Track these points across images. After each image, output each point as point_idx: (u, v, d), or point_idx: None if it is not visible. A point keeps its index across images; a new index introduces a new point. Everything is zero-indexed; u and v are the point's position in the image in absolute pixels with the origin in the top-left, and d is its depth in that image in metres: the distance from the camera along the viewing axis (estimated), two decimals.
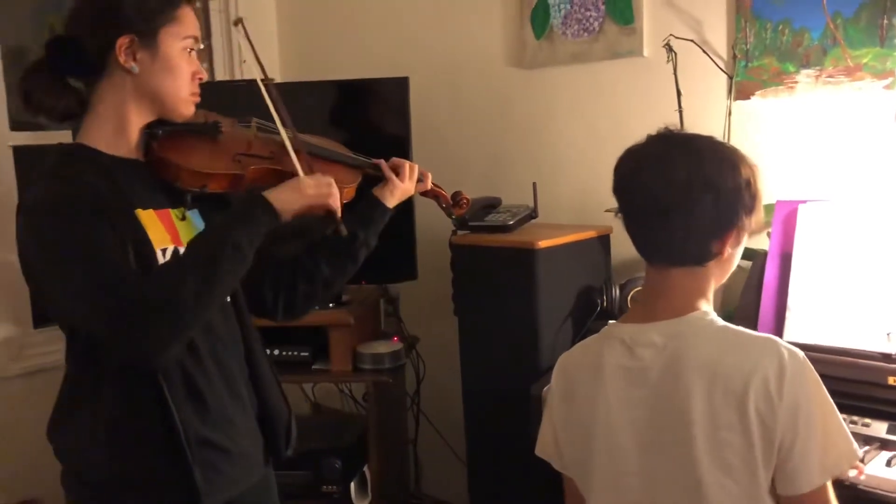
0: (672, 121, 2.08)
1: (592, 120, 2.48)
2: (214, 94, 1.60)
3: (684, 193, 1.21)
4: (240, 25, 1.58)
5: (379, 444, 2.42)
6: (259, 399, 1.55)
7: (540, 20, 2.53)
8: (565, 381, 1.36)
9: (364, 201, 1.64)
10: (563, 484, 1.41)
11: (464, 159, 2.74)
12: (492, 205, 2.34)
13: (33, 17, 3.05)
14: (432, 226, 2.50)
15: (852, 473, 1.48)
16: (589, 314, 2.16)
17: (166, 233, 1.42)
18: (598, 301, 2.15)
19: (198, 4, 3.03)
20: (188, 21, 1.44)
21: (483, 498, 2.33)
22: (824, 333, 1.77)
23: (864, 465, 1.52)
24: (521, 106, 2.64)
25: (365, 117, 2.55)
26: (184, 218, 1.47)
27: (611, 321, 1.42)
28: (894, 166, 1.90)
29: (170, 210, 1.46)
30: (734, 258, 1.30)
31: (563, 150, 2.56)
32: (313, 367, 2.44)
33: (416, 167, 1.69)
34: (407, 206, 2.42)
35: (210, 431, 1.42)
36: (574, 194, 2.52)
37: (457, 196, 1.82)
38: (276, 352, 2.42)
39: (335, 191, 1.47)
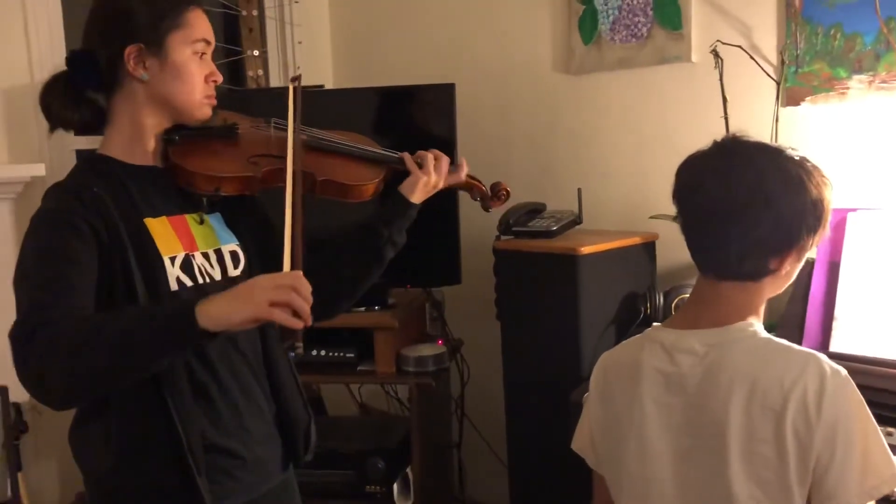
0: (719, 127, 2.08)
1: (639, 126, 2.46)
2: (270, 100, 1.60)
3: (743, 211, 1.19)
4: (297, 83, 1.56)
5: (422, 446, 2.44)
6: (277, 404, 1.53)
7: (588, 26, 2.53)
8: (604, 380, 1.36)
9: (389, 198, 1.61)
10: (592, 482, 1.41)
11: (511, 165, 2.75)
12: (536, 210, 2.35)
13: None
14: (477, 230, 2.52)
15: None
16: (632, 321, 2.15)
17: (178, 241, 1.43)
18: (642, 308, 2.14)
19: (255, 12, 3.15)
20: (196, 25, 1.43)
21: (525, 500, 2.34)
22: (872, 345, 1.73)
23: None
24: (568, 112, 2.64)
25: (411, 123, 2.59)
26: (202, 222, 1.48)
27: (655, 324, 1.41)
28: None
29: (186, 216, 1.46)
30: (792, 275, 1.28)
31: (610, 157, 2.55)
32: (358, 368, 2.47)
33: (444, 159, 1.62)
34: (451, 209, 2.47)
35: (222, 438, 1.42)
36: (621, 200, 2.51)
37: (496, 187, 1.72)
38: (322, 352, 2.47)
39: (298, 301, 1.22)
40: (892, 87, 1.94)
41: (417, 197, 1.59)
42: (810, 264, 1.89)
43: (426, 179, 1.58)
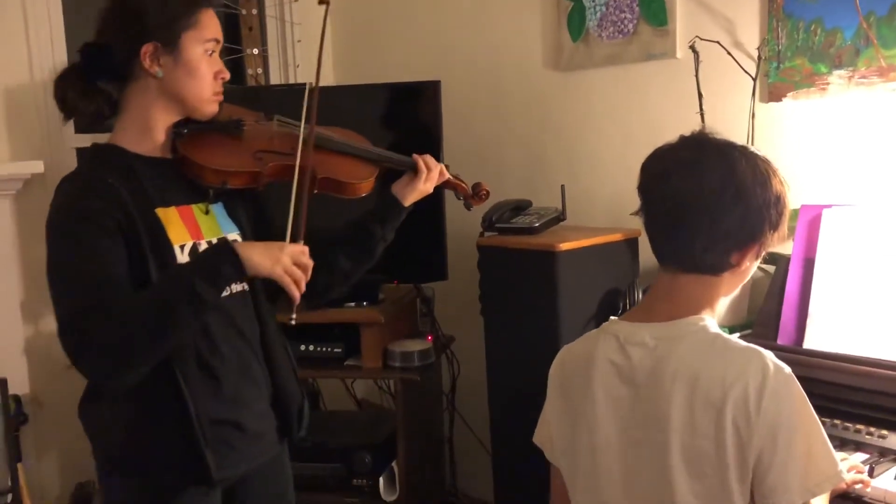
0: (697, 124, 2.08)
1: (627, 122, 2.46)
2: (269, 97, 1.67)
3: (713, 202, 1.20)
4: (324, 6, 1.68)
5: (409, 440, 2.47)
6: (273, 382, 1.63)
7: (576, 23, 2.53)
8: (561, 373, 1.38)
9: (382, 199, 1.72)
10: (551, 474, 1.42)
11: (500, 161, 2.76)
12: (520, 207, 2.36)
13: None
14: (464, 226, 2.53)
15: (858, 485, 1.45)
16: (611, 317, 2.14)
17: (186, 230, 1.52)
18: (621, 304, 2.14)
19: (254, 11, 3.19)
20: (208, 24, 1.51)
21: (508, 495, 2.35)
22: (845, 342, 1.72)
23: (873, 478, 1.48)
24: (557, 108, 2.64)
25: (398, 120, 2.60)
26: (207, 212, 1.57)
27: (612, 317, 1.42)
28: None
29: (192, 206, 1.55)
30: (749, 272, 1.29)
31: (597, 153, 2.55)
32: (346, 363, 2.50)
33: (440, 168, 1.75)
34: (437, 206, 2.48)
35: (225, 412, 1.51)
36: (608, 197, 2.51)
37: (477, 187, 1.85)
38: (311, 347, 2.50)
39: (303, 279, 1.47)
40: (871, 83, 1.92)
41: (410, 200, 1.72)
42: (786, 261, 1.88)
43: (422, 188, 1.72)
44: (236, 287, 1.57)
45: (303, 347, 2.49)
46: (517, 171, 2.73)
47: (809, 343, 1.77)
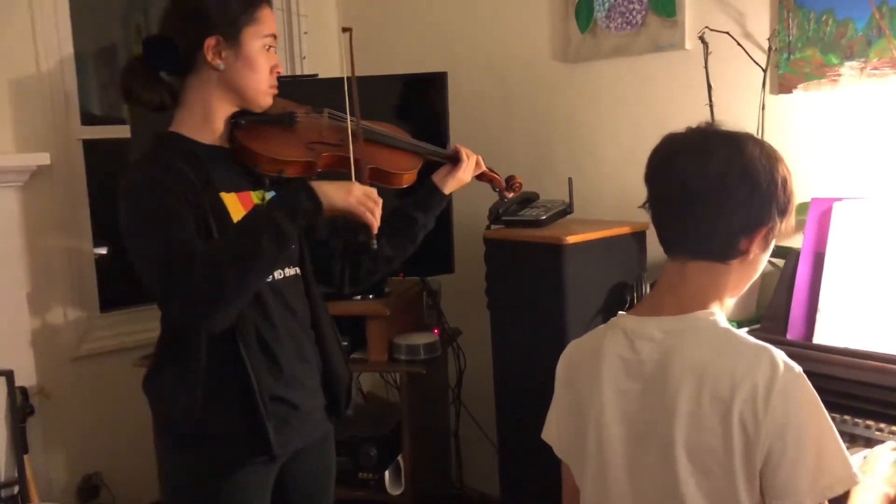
0: (706, 116, 2.05)
1: (635, 114, 2.44)
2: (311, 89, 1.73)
3: (719, 182, 1.17)
4: (348, 34, 1.72)
5: (414, 434, 2.46)
6: (324, 362, 1.68)
7: (584, 14, 2.51)
8: (568, 367, 1.36)
9: (423, 188, 1.79)
10: (562, 470, 1.41)
11: (509, 153, 2.74)
12: (528, 199, 2.34)
13: (121, 19, 3.24)
14: (471, 219, 2.52)
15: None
16: (619, 310, 2.13)
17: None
18: (628, 297, 2.13)
19: None
20: (267, 20, 1.58)
21: (514, 488, 2.34)
22: (855, 336, 1.70)
23: None
24: (565, 100, 2.62)
25: (407, 111, 2.59)
26: (263, 199, 1.61)
27: (620, 312, 1.40)
28: None
29: (250, 192, 1.60)
30: (758, 263, 1.25)
31: (605, 145, 2.53)
32: (352, 356, 2.49)
33: (477, 158, 1.83)
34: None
35: (282, 390, 1.57)
36: (615, 189, 2.49)
37: (510, 180, 1.95)
38: None
39: (377, 208, 1.57)
40: (883, 74, 1.90)
41: (449, 189, 1.80)
42: (796, 255, 1.86)
43: (461, 177, 1.80)
44: (289, 271, 1.63)
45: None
46: (524, 163, 2.71)
47: (819, 338, 1.75)
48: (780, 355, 1.15)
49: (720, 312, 1.24)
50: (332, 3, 3.36)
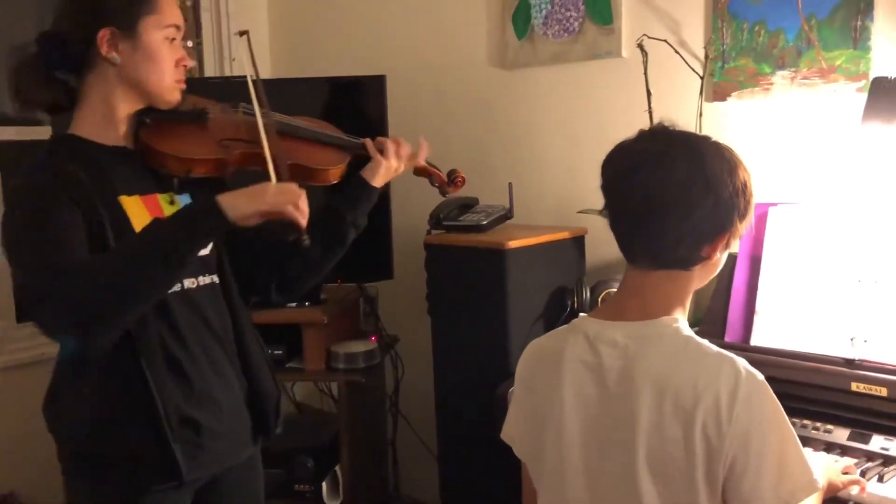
0: (647, 121, 2.08)
1: (572, 121, 2.46)
2: (204, 90, 1.64)
3: (683, 195, 1.16)
4: (245, 37, 1.64)
5: (352, 443, 2.41)
6: (248, 379, 1.58)
7: (521, 20, 2.52)
8: (528, 369, 1.33)
9: (351, 182, 1.68)
10: (522, 470, 1.39)
11: (445, 158, 2.70)
12: (468, 205, 2.33)
13: (37, 17, 3.08)
14: (410, 224, 2.49)
15: (854, 491, 1.43)
16: (559, 315, 2.14)
17: (151, 218, 1.45)
18: (569, 302, 2.13)
19: (188, 3, 3.09)
20: (169, 10, 1.47)
21: (454, 497, 2.32)
22: (790, 338, 1.75)
23: (867, 480, 1.46)
24: (502, 106, 2.63)
25: (345, 113, 2.55)
26: (173, 202, 1.52)
27: (581, 314, 1.39)
28: (864, 169, 1.86)
29: (157, 195, 1.50)
30: (719, 264, 1.26)
31: (543, 151, 2.54)
32: (287, 365, 2.43)
33: (404, 144, 1.70)
34: (383, 203, 2.43)
35: (194, 410, 1.46)
36: (554, 195, 2.50)
37: (452, 174, 1.85)
38: None
39: (300, 201, 1.41)
40: (812, 84, 1.96)
41: (379, 181, 1.67)
42: (733, 258, 1.90)
43: (387, 164, 1.67)
44: (204, 279, 1.53)
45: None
46: (463, 168, 2.65)
47: (756, 340, 1.79)
48: (742, 363, 1.15)
49: (683, 319, 1.24)
50: (263, 3, 3.29)
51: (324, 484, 2.41)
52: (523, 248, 2.10)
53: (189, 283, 1.49)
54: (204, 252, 1.51)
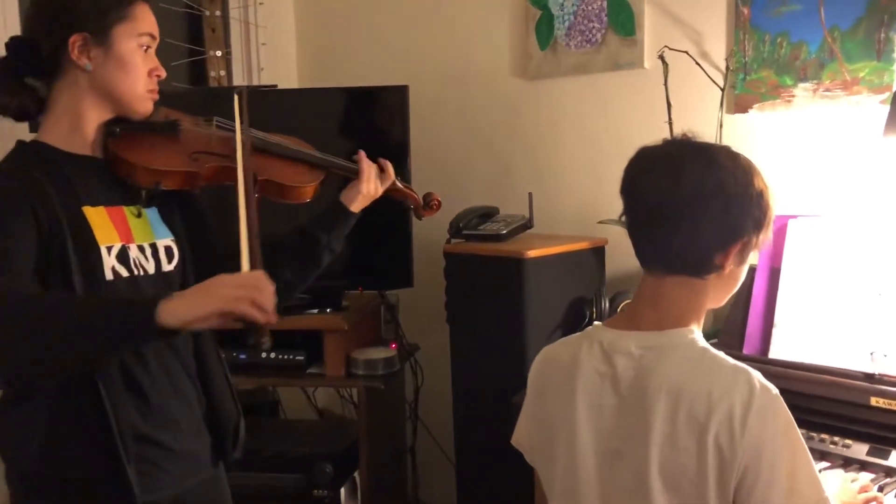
0: (668, 133, 2.08)
1: (594, 131, 2.47)
2: (230, 99, 1.56)
3: (693, 198, 1.17)
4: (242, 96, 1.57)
5: (371, 450, 2.42)
6: (208, 401, 1.55)
7: (544, 31, 2.53)
8: (541, 375, 1.34)
9: (329, 205, 1.65)
10: (534, 476, 1.40)
11: (467, 169, 2.75)
12: (488, 213, 2.35)
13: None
14: (430, 233, 2.50)
15: None
16: (578, 325, 2.14)
17: (115, 230, 1.43)
18: (588, 312, 2.14)
19: (218, 13, 3.14)
20: (143, 18, 1.44)
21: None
22: (809, 351, 1.74)
23: (884, 495, 1.45)
24: (524, 117, 2.64)
25: (367, 124, 2.58)
26: (139, 215, 1.48)
27: (596, 322, 1.39)
28: (886, 182, 1.85)
29: (124, 207, 1.46)
30: (736, 278, 1.25)
31: (564, 162, 2.55)
32: (308, 371, 2.45)
33: (372, 168, 1.67)
34: (403, 212, 2.44)
35: (150, 429, 1.42)
36: (575, 205, 2.51)
37: (428, 197, 1.82)
38: (272, 355, 2.44)
39: (261, 294, 1.23)
40: (835, 96, 1.95)
41: (357, 206, 1.65)
42: (753, 270, 1.89)
43: (364, 190, 1.65)
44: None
45: (263, 355, 2.43)
46: (484, 177, 2.72)
47: (775, 353, 1.78)
48: (756, 376, 1.15)
49: (698, 331, 1.23)
50: (290, 15, 3.34)
51: (342, 490, 2.42)
52: (543, 257, 2.11)
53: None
54: (168, 268, 1.49)
